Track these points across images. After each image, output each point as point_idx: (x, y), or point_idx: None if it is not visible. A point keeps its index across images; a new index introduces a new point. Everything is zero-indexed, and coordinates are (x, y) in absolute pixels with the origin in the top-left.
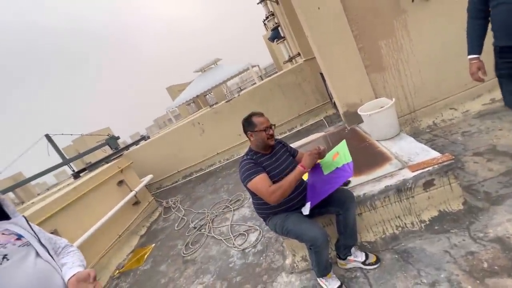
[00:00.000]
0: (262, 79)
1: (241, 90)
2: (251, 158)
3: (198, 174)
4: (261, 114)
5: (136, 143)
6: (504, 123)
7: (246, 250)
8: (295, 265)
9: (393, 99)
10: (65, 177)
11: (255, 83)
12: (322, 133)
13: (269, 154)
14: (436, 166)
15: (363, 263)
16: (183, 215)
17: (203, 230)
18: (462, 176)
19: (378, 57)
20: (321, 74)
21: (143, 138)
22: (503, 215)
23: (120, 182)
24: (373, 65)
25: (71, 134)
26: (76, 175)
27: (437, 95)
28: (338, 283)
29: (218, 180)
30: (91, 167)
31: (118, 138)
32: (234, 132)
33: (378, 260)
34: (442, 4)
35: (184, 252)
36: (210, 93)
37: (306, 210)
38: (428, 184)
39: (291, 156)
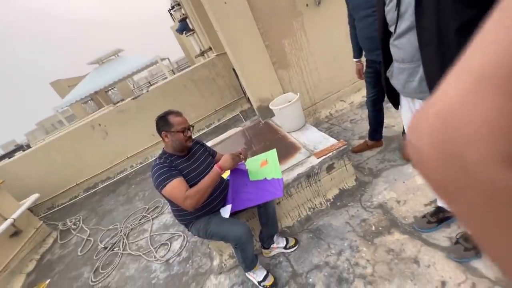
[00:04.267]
0: (175, 73)
1: (151, 85)
2: (164, 162)
3: (105, 184)
4: (179, 113)
5: (9, 155)
6: None
7: (170, 261)
8: (223, 264)
9: (298, 94)
10: None
11: (166, 78)
12: (239, 128)
13: (185, 156)
14: (334, 151)
15: (285, 247)
16: (88, 236)
17: (117, 248)
18: (353, 157)
19: (283, 55)
20: (234, 69)
21: (20, 147)
22: (381, 185)
23: None
24: (279, 62)
25: None
26: None
27: (331, 89)
28: (265, 272)
29: (131, 188)
30: None
31: None
32: (146, 132)
33: (297, 242)
34: (330, 10)
35: (93, 279)
36: (113, 89)
37: (226, 213)
38: (330, 168)
39: (211, 156)
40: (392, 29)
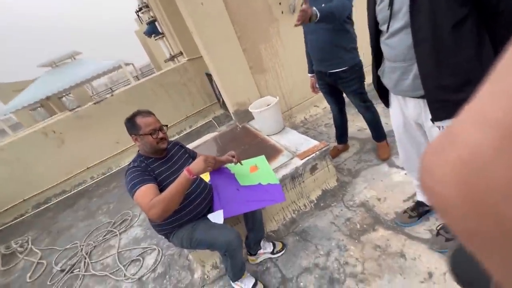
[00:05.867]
0: (139, 79)
1: (113, 91)
2: (138, 166)
3: (59, 199)
4: (148, 114)
5: None
6: (349, 116)
7: (144, 278)
8: (205, 276)
9: (277, 97)
10: None
11: (130, 84)
12: (215, 133)
13: (163, 159)
14: (317, 152)
15: (272, 252)
16: (39, 259)
17: (77, 270)
18: (331, 159)
19: (259, 59)
20: (207, 74)
21: None
22: (361, 184)
23: None
24: (256, 67)
25: None
26: None
27: (305, 95)
28: (253, 280)
29: (93, 201)
30: None
31: None
32: (109, 140)
33: (284, 246)
34: None
35: None
36: (68, 95)
37: (219, 218)
38: (313, 169)
39: (191, 158)
40: (383, 28)
